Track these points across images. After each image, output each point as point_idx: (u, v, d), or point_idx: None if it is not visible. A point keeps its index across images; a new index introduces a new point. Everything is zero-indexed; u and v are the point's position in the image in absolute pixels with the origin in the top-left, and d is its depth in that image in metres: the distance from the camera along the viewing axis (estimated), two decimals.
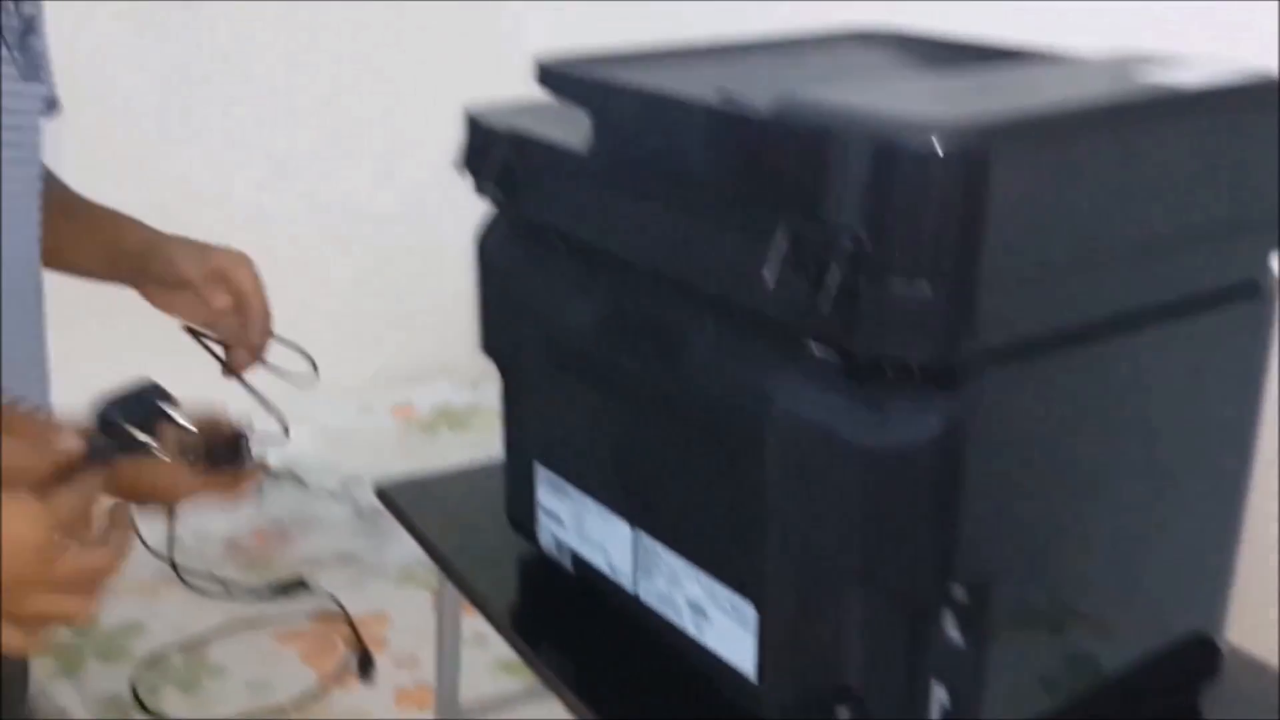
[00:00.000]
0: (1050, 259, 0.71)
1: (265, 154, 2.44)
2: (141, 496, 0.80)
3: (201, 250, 0.99)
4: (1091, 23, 1.44)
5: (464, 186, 1.02)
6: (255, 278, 0.98)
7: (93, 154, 1.57)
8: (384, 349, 2.53)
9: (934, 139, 0.66)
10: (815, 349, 0.76)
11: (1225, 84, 0.78)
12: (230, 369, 0.99)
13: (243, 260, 0.99)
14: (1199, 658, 0.93)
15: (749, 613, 0.86)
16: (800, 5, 1.26)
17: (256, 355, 0.99)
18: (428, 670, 1.69)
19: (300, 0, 2.38)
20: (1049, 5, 1.51)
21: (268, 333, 0.99)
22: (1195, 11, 1.40)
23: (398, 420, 2.51)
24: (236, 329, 0.98)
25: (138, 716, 1.67)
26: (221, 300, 0.97)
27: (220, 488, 0.88)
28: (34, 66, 0.87)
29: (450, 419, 2.53)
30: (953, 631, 0.78)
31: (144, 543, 0.76)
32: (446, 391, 2.58)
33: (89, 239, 1.02)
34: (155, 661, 1.79)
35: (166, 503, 0.88)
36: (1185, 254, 0.78)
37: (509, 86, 1.04)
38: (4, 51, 0.83)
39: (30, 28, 0.87)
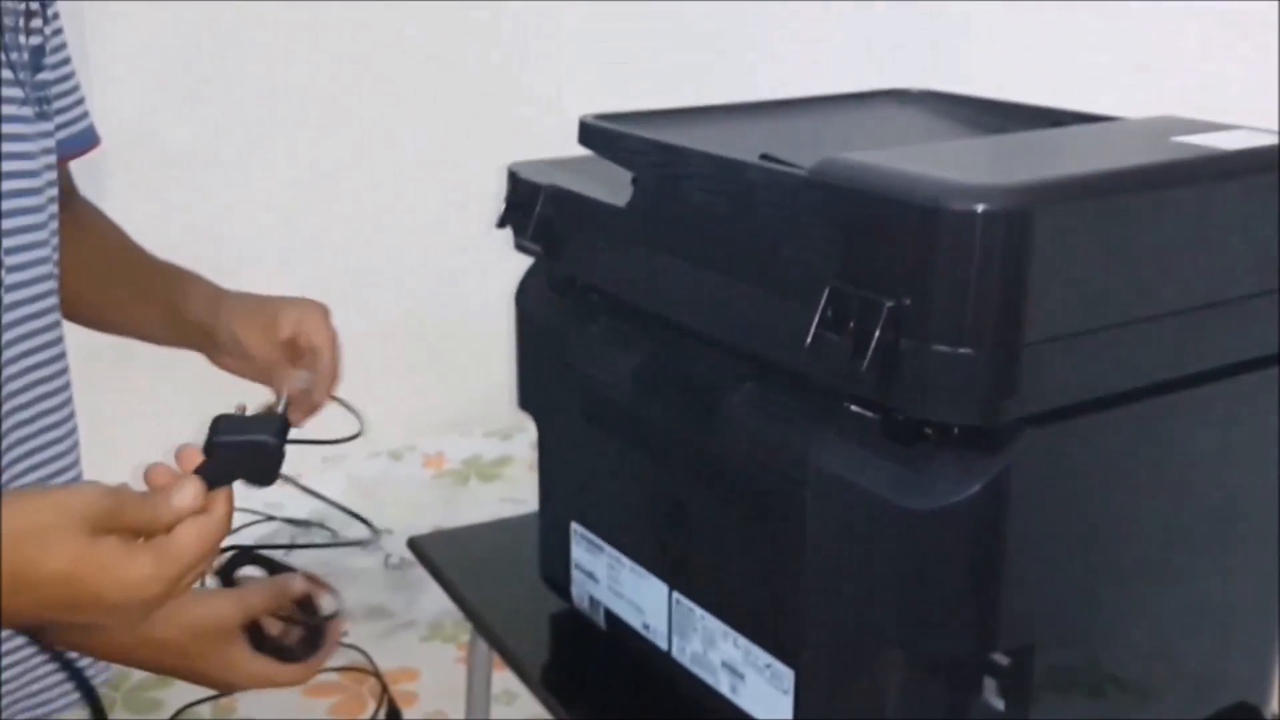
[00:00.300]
0: (1093, 322, 0.71)
1: (302, 205, 2.46)
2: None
3: (269, 317, 0.95)
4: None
5: (504, 241, 1.03)
6: (329, 332, 0.95)
7: (137, 197, 1.60)
8: (416, 399, 2.54)
9: (977, 200, 0.66)
10: (855, 409, 0.76)
11: (1267, 147, 0.78)
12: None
13: (314, 313, 0.95)
14: None
15: (786, 676, 0.85)
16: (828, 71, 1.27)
17: (315, 412, 0.95)
18: None
19: (343, 60, 2.41)
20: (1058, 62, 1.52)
21: (332, 392, 0.96)
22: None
23: (428, 471, 2.51)
24: (302, 385, 0.95)
25: None
26: (294, 383, 0.92)
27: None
28: (41, 100, 0.86)
29: (481, 470, 2.53)
30: (994, 698, 0.77)
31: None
32: (478, 443, 2.59)
33: (149, 303, 0.99)
34: (185, 715, 1.79)
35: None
36: (1227, 318, 0.77)
37: (550, 148, 1.05)
38: (10, 82, 0.81)
39: (38, 63, 0.86)
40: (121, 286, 0.99)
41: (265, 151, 2.40)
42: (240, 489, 0.74)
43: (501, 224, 1.01)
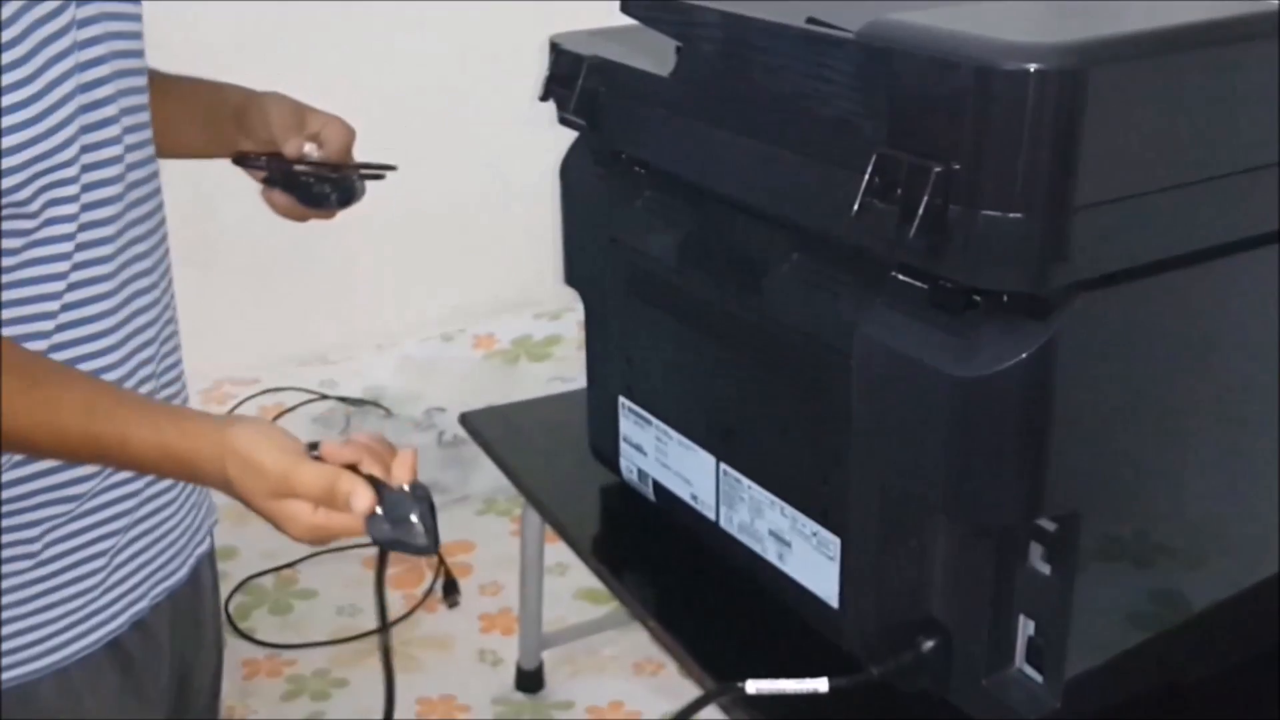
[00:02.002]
0: (1145, 185, 0.69)
1: (340, 90, 2.44)
2: None
3: (300, 112, 0.97)
4: None
5: (549, 115, 1.02)
6: (348, 136, 0.97)
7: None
8: (466, 281, 2.55)
9: (1029, 59, 0.64)
10: (902, 278, 0.75)
11: None
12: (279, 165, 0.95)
13: (339, 123, 0.97)
14: None
15: (832, 543, 0.86)
16: None
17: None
18: (511, 597, 1.72)
19: None
20: None
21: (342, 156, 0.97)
22: None
23: (479, 351, 2.53)
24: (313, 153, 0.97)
25: (230, 637, 1.72)
26: (292, 146, 0.95)
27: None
28: None
29: (531, 350, 2.54)
30: (1039, 563, 0.78)
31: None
32: (528, 323, 2.60)
33: (188, 109, 0.99)
34: (248, 585, 1.84)
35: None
36: None
37: (593, 18, 1.03)
38: None
39: None
40: (160, 99, 0.94)
41: (300, 35, 2.37)
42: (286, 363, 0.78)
43: (544, 97, 1.00)
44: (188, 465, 0.75)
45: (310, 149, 0.96)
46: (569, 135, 1.04)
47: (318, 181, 0.96)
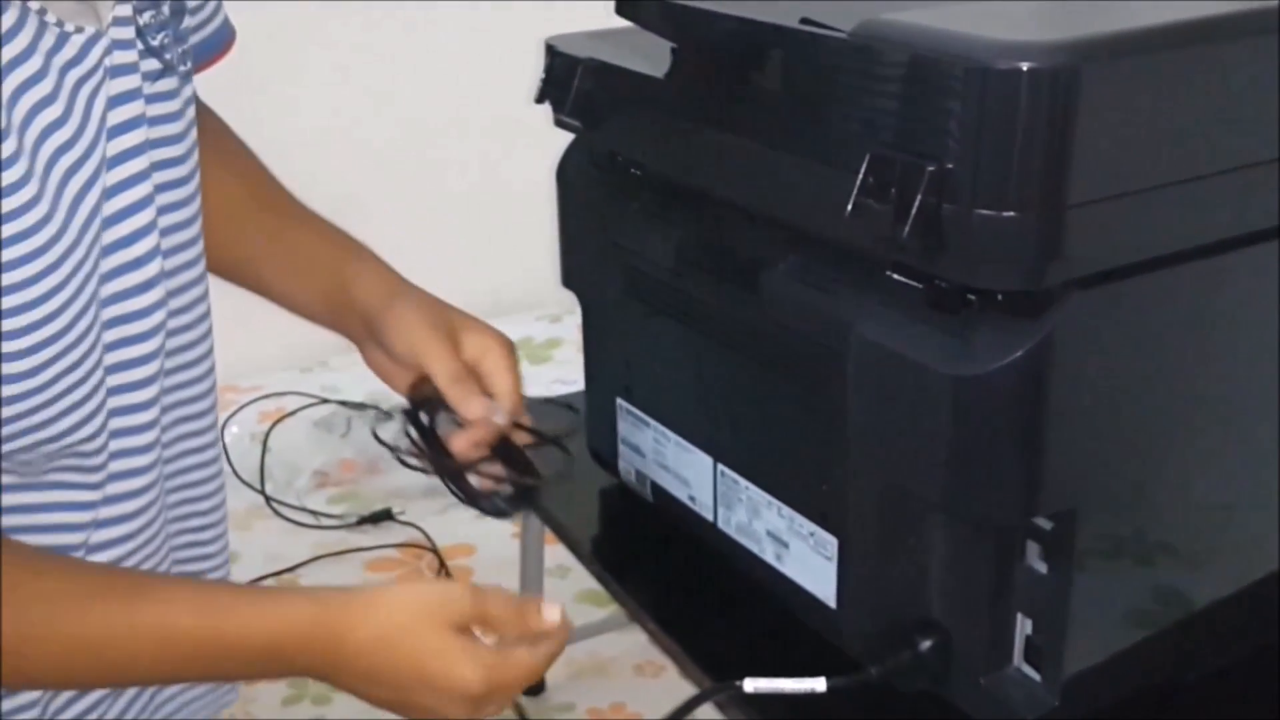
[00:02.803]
0: (1140, 183, 0.69)
1: (338, 94, 2.45)
2: None
3: (451, 330, 0.84)
4: None
5: (545, 118, 1.02)
6: (514, 373, 0.83)
7: None
8: (465, 284, 2.55)
9: (1022, 58, 0.65)
10: (897, 278, 0.75)
11: None
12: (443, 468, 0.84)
13: (499, 345, 0.85)
14: None
15: (830, 543, 0.86)
16: None
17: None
18: None
19: None
20: None
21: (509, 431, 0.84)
22: None
23: None
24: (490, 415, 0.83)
25: None
26: (473, 409, 0.82)
27: None
28: (182, 53, 0.73)
29: (532, 353, 2.55)
30: (1037, 562, 0.78)
31: (237, 475, 0.78)
32: (529, 325, 2.60)
33: (305, 272, 0.86)
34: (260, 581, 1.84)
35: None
36: (1277, 177, 0.75)
37: (589, 21, 1.03)
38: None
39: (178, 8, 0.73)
40: (267, 239, 0.86)
41: (300, 33, 2.38)
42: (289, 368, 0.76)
43: (540, 99, 1.00)
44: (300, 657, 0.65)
45: (490, 408, 0.81)
46: (569, 137, 1.04)
47: (511, 499, 0.84)
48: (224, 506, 0.83)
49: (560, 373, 2.43)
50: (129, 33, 0.67)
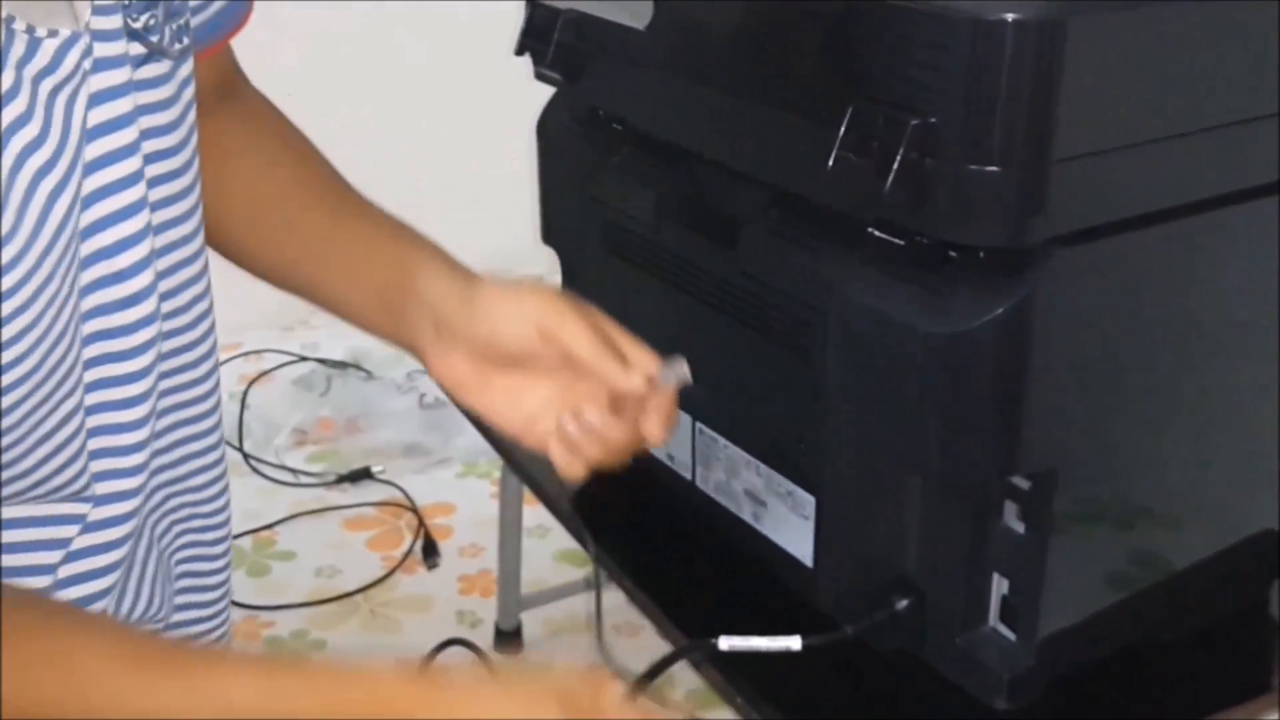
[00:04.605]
0: (1124, 139, 0.69)
1: (315, 56, 2.42)
2: None
3: (519, 306, 0.72)
4: None
5: (526, 71, 1.01)
6: (585, 330, 0.72)
7: None
8: (448, 242, 2.53)
9: (1006, 9, 0.64)
10: (878, 235, 0.74)
11: None
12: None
13: (565, 314, 0.72)
14: (1269, 554, 0.91)
15: (808, 502, 0.86)
16: None
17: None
18: (491, 558, 1.72)
19: None
20: None
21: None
22: None
23: None
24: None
25: None
26: (632, 379, 0.71)
27: None
28: (179, 28, 0.66)
29: None
30: (1014, 521, 0.77)
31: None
32: None
33: (360, 273, 0.76)
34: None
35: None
36: (1264, 135, 0.75)
37: None
38: None
39: None
40: (317, 237, 0.76)
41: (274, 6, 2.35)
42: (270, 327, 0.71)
43: (520, 51, 0.99)
44: None
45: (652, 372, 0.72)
46: (549, 88, 1.03)
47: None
48: (228, 509, 0.77)
49: None
50: (114, 21, 0.60)
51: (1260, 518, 0.90)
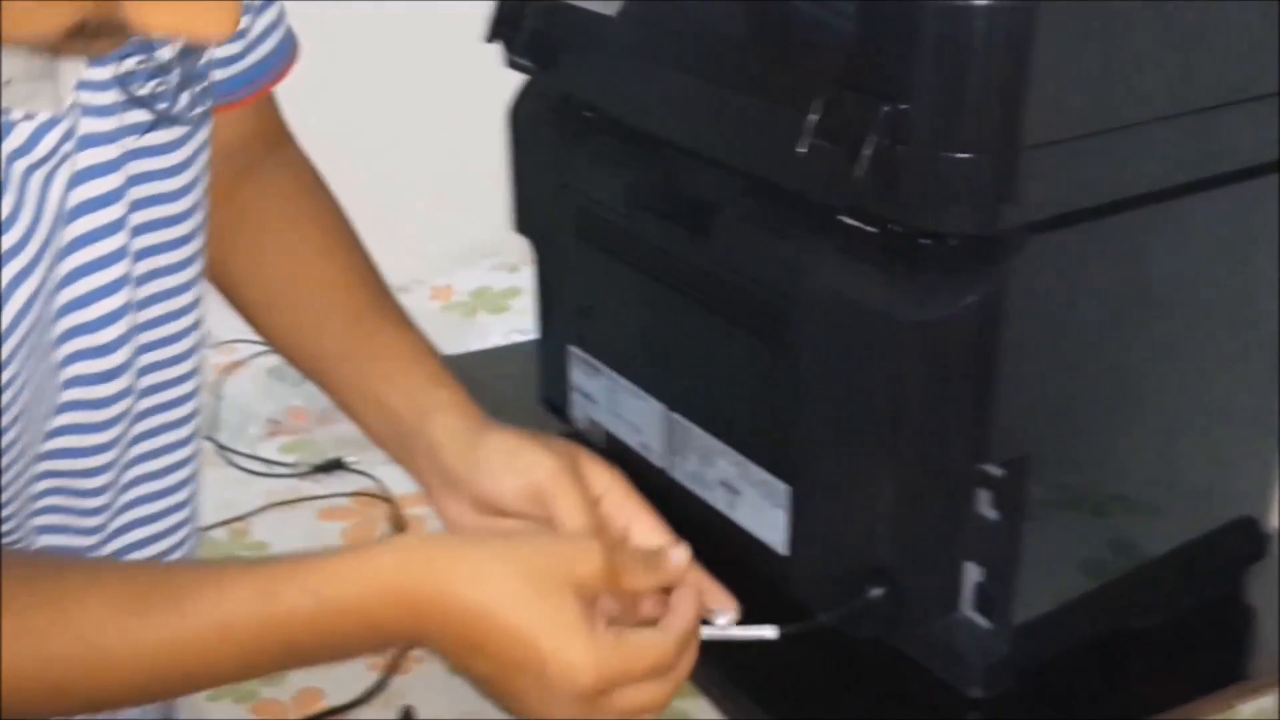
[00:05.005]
0: (1097, 124, 0.68)
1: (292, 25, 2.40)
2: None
3: (573, 466, 0.68)
4: None
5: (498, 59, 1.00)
6: (578, 500, 0.66)
7: None
8: (422, 232, 2.52)
9: None
10: (850, 222, 0.74)
11: None
12: None
13: (562, 485, 0.66)
14: (1245, 541, 0.92)
15: (781, 491, 0.85)
16: None
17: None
18: None
19: None
20: None
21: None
22: None
23: (436, 303, 2.51)
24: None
25: None
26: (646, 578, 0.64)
27: None
28: (199, 93, 0.64)
29: (490, 302, 2.52)
30: (988, 509, 0.77)
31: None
32: (485, 274, 2.57)
33: (377, 396, 0.74)
34: (200, 537, 1.82)
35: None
36: (1238, 121, 0.74)
37: None
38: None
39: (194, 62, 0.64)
40: (342, 346, 0.74)
41: None
42: None
43: (491, 38, 0.98)
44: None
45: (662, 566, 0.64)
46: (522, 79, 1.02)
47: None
48: (191, 515, 0.74)
49: (519, 322, 2.41)
50: (107, 97, 0.58)
51: (1236, 505, 0.90)
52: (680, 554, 0.63)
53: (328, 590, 0.54)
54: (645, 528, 0.69)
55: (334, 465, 1.96)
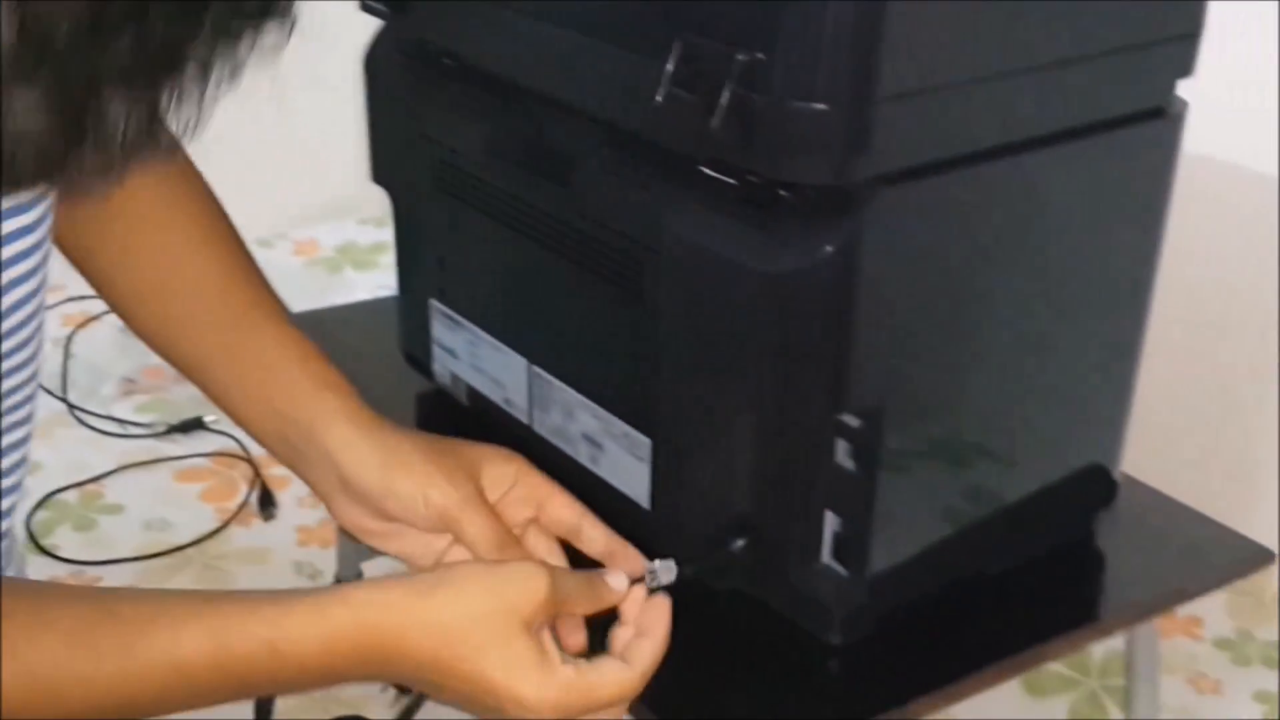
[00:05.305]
0: (952, 75, 0.69)
1: None
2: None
3: (471, 476, 0.70)
4: None
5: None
6: (484, 527, 0.68)
7: None
8: (285, 186, 2.46)
9: None
10: (709, 173, 0.73)
11: None
12: None
13: (468, 509, 0.68)
14: (1095, 488, 0.94)
15: (643, 444, 0.85)
16: None
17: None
18: None
19: None
20: None
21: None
22: None
23: (300, 259, 2.45)
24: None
25: (32, 555, 1.64)
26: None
27: None
28: None
29: (356, 258, 2.48)
30: (845, 459, 0.78)
31: (40, 385, 0.69)
32: (352, 229, 2.53)
33: (261, 402, 0.71)
34: (51, 501, 1.75)
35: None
36: (1091, 73, 0.75)
37: None
38: None
39: None
40: (220, 351, 0.71)
41: None
42: None
43: None
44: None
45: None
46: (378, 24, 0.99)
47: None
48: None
49: (386, 278, 2.37)
50: None
51: (1087, 453, 0.92)
52: (618, 580, 0.66)
53: (283, 645, 0.55)
54: (557, 505, 0.73)
55: (192, 425, 1.91)
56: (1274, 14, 1.37)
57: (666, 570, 0.69)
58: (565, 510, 0.72)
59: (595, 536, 0.72)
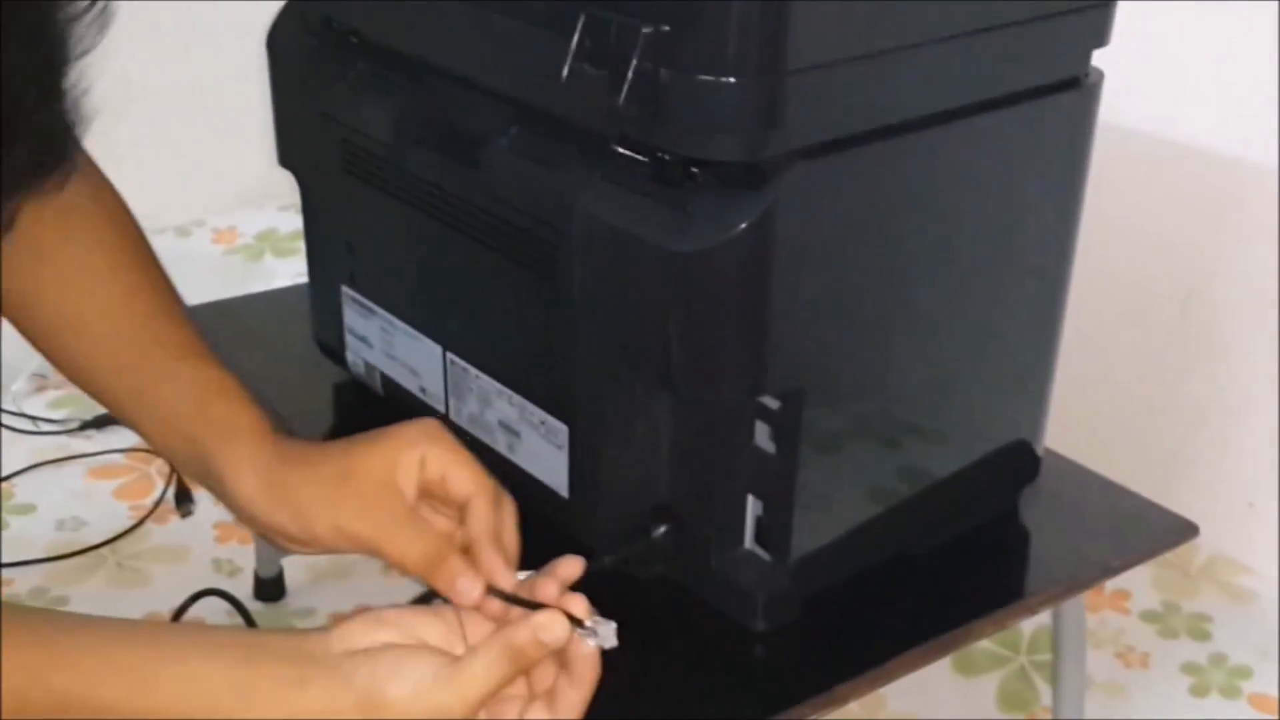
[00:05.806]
0: (863, 48, 0.67)
1: None
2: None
3: (359, 533, 0.68)
4: None
5: None
6: (490, 487, 0.70)
7: None
8: (203, 172, 2.40)
9: None
10: (620, 151, 0.71)
11: None
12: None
13: (459, 452, 0.70)
14: (1019, 464, 0.93)
15: (560, 431, 0.83)
16: None
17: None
18: None
19: None
20: None
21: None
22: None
23: (220, 246, 2.40)
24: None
25: None
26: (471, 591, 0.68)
27: None
28: None
29: (276, 245, 2.42)
30: (765, 442, 0.76)
31: None
32: (272, 216, 2.47)
33: (171, 430, 0.70)
34: None
35: None
36: (1003, 44, 0.74)
37: None
38: None
39: None
40: (129, 382, 0.70)
41: None
42: None
43: None
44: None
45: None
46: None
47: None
48: None
49: (305, 265, 2.33)
50: None
51: (1011, 429, 0.91)
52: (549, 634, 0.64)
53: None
54: (457, 480, 0.72)
55: (106, 420, 1.85)
56: None
57: (608, 634, 0.66)
58: (460, 487, 0.71)
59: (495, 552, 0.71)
